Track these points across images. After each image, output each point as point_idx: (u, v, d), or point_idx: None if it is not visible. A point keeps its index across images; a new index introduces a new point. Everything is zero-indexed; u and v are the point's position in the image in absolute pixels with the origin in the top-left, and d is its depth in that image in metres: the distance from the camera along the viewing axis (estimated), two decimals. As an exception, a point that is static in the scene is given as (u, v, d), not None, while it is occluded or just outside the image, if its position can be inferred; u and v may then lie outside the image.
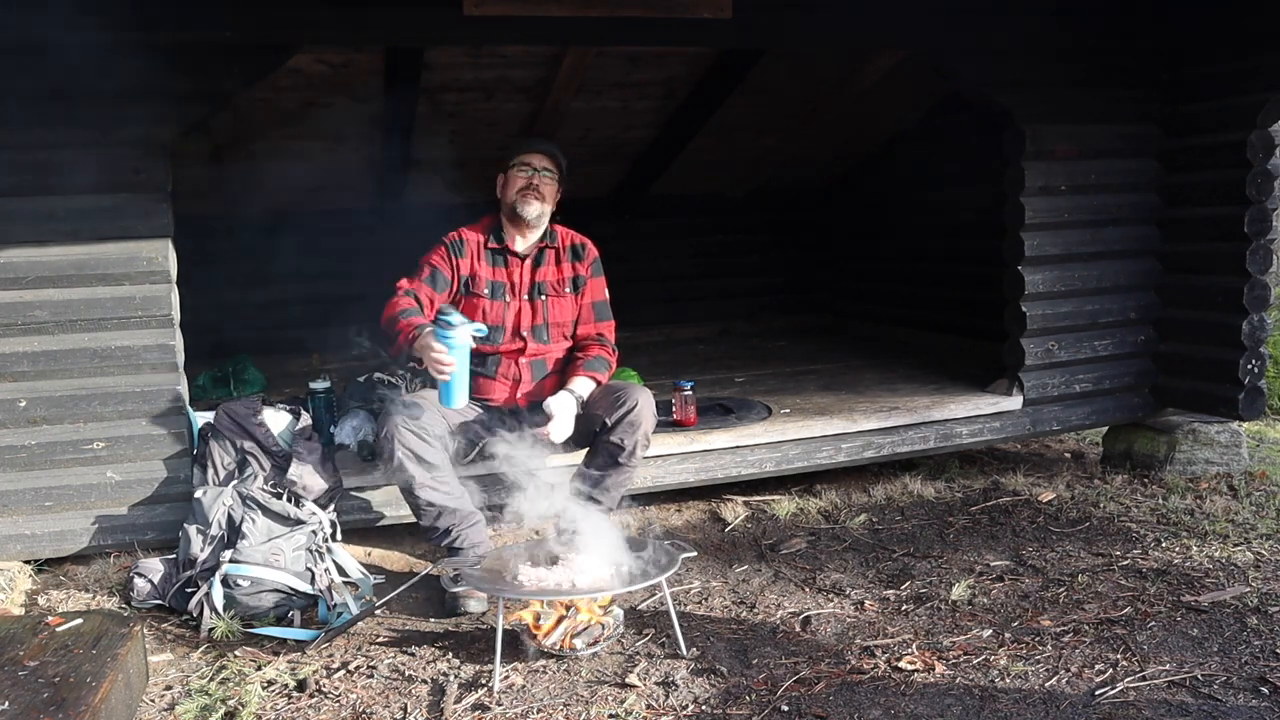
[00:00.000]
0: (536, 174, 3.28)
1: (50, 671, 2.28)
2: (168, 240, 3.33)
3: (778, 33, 3.88)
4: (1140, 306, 4.39)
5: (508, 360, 3.35)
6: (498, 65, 4.41)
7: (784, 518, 3.89)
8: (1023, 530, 3.71)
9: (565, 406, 3.18)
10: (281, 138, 4.84)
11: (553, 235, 3.41)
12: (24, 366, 3.25)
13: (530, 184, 3.27)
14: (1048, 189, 4.17)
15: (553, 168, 3.33)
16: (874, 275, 6.74)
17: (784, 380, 5.00)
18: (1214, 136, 4.10)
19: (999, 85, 4.09)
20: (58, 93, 3.18)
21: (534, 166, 3.29)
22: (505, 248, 3.35)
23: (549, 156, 3.33)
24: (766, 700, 2.50)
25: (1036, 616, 2.95)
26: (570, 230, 3.48)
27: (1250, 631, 2.81)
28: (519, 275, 3.36)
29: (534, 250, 3.38)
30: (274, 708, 2.52)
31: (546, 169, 3.31)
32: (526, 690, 2.58)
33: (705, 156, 5.94)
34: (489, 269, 3.34)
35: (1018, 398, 4.25)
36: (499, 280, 3.35)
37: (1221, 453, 4.34)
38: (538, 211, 3.29)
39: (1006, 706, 2.45)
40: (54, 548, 3.35)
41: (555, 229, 3.42)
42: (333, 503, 3.37)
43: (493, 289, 3.33)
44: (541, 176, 3.29)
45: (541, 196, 3.28)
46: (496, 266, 3.36)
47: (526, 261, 3.37)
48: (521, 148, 3.35)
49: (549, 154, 3.33)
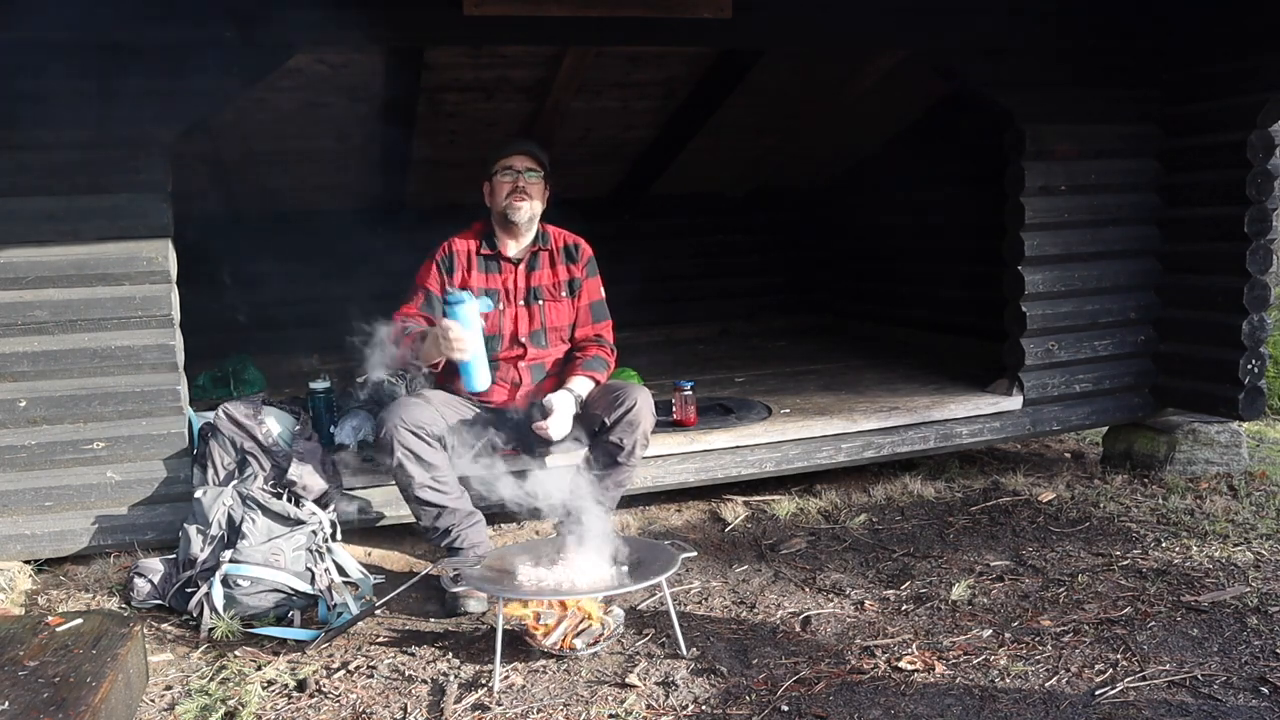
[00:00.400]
0: (520, 176, 3.26)
1: (50, 671, 2.28)
2: (168, 240, 3.33)
3: (778, 33, 3.88)
4: (1140, 306, 4.39)
5: (507, 365, 3.35)
6: (498, 65, 4.41)
7: (784, 518, 3.89)
8: (1023, 530, 3.71)
9: (564, 403, 3.18)
10: (281, 137, 4.84)
11: (545, 237, 3.39)
12: (24, 366, 3.26)
13: (516, 186, 3.25)
14: (1048, 189, 4.17)
15: (536, 166, 3.30)
16: (874, 275, 6.74)
17: (784, 380, 5.01)
18: (1214, 136, 4.10)
19: (999, 85, 4.09)
20: (58, 93, 3.18)
21: (516, 169, 3.26)
22: (498, 253, 3.34)
23: (530, 156, 3.29)
24: (766, 700, 2.50)
25: (1036, 616, 2.95)
26: (562, 230, 3.46)
27: (1250, 631, 2.81)
28: (513, 281, 3.35)
29: (527, 254, 3.36)
30: (274, 708, 2.52)
31: (530, 169, 3.28)
32: (526, 690, 2.58)
33: (705, 156, 5.93)
34: (482, 276, 3.32)
35: (1018, 398, 4.25)
36: (493, 288, 3.33)
37: (1221, 453, 4.34)
38: (528, 214, 3.28)
39: (1006, 706, 2.45)
40: (54, 548, 3.35)
41: (547, 230, 3.41)
42: (333, 503, 3.37)
43: (486, 297, 3.32)
44: (526, 178, 3.26)
45: (529, 197, 3.26)
46: (490, 273, 3.34)
47: (520, 266, 3.36)
48: (501, 152, 3.30)
49: (529, 153, 3.30)
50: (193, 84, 3.28)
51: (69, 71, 3.17)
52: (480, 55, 4.28)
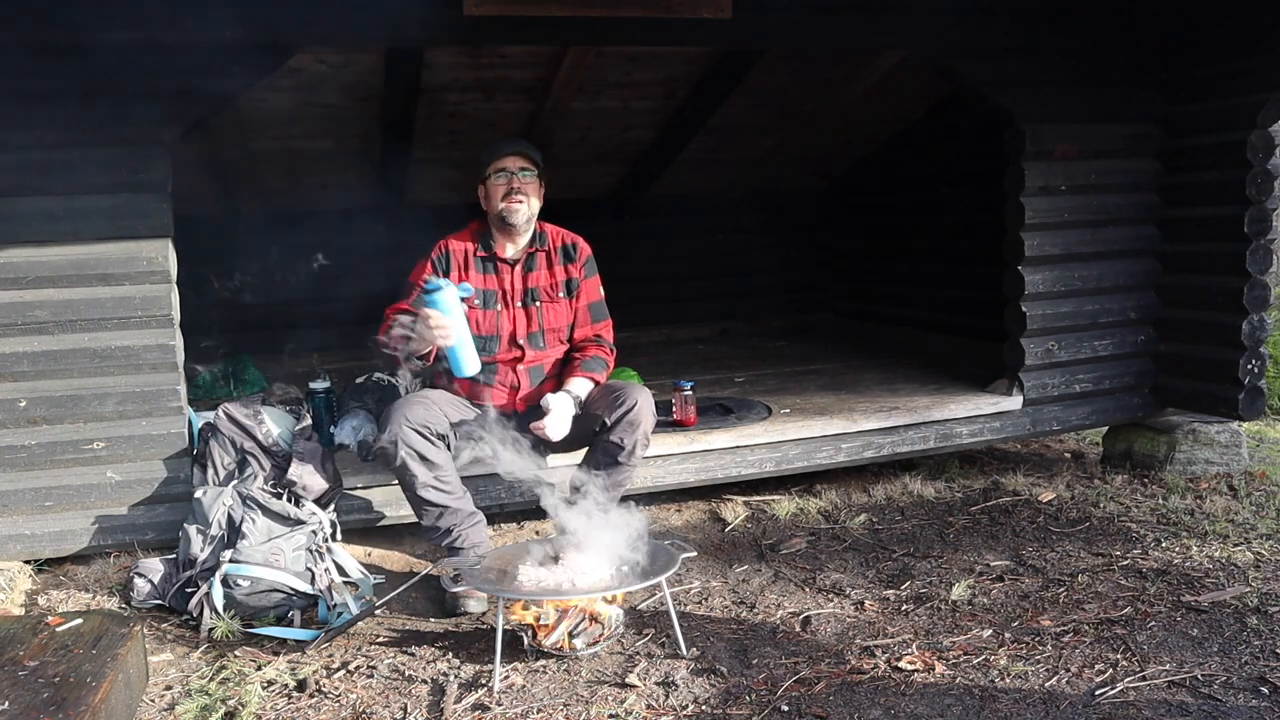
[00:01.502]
0: (515, 176, 3.24)
1: (50, 671, 2.28)
2: (168, 240, 3.32)
3: (778, 33, 3.88)
4: (1140, 306, 4.39)
5: (505, 368, 3.33)
6: (498, 65, 4.41)
7: (784, 518, 3.89)
8: (1023, 530, 3.71)
9: (563, 404, 3.18)
10: (281, 138, 4.83)
11: (542, 237, 3.38)
12: (24, 366, 3.25)
13: (512, 188, 3.23)
14: (1048, 189, 4.17)
15: (530, 165, 3.28)
16: (874, 275, 6.74)
17: (784, 380, 5.01)
18: (1214, 136, 4.10)
19: (999, 85, 4.09)
20: (58, 93, 3.18)
21: (510, 170, 3.25)
22: (494, 255, 3.33)
23: (523, 155, 3.28)
24: (766, 700, 2.50)
25: (1036, 616, 2.95)
26: (560, 229, 3.44)
27: (1250, 631, 2.81)
28: (510, 282, 3.34)
29: (524, 255, 3.35)
30: (274, 708, 2.52)
31: (524, 169, 3.27)
32: (526, 690, 2.58)
33: (705, 156, 5.93)
34: (479, 277, 3.31)
35: (1018, 398, 4.25)
36: (490, 289, 3.32)
37: (1221, 453, 4.34)
38: (526, 215, 3.27)
39: (1006, 706, 2.45)
40: (54, 548, 3.35)
41: (545, 230, 3.39)
42: (333, 503, 3.37)
43: (484, 298, 3.30)
44: (521, 178, 3.25)
45: (526, 197, 3.25)
46: (487, 274, 3.33)
47: (517, 267, 3.34)
48: (494, 155, 3.29)
49: (522, 153, 3.28)
50: (193, 84, 3.29)
51: (69, 71, 3.17)
52: (480, 55, 4.28)
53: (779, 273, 7.14)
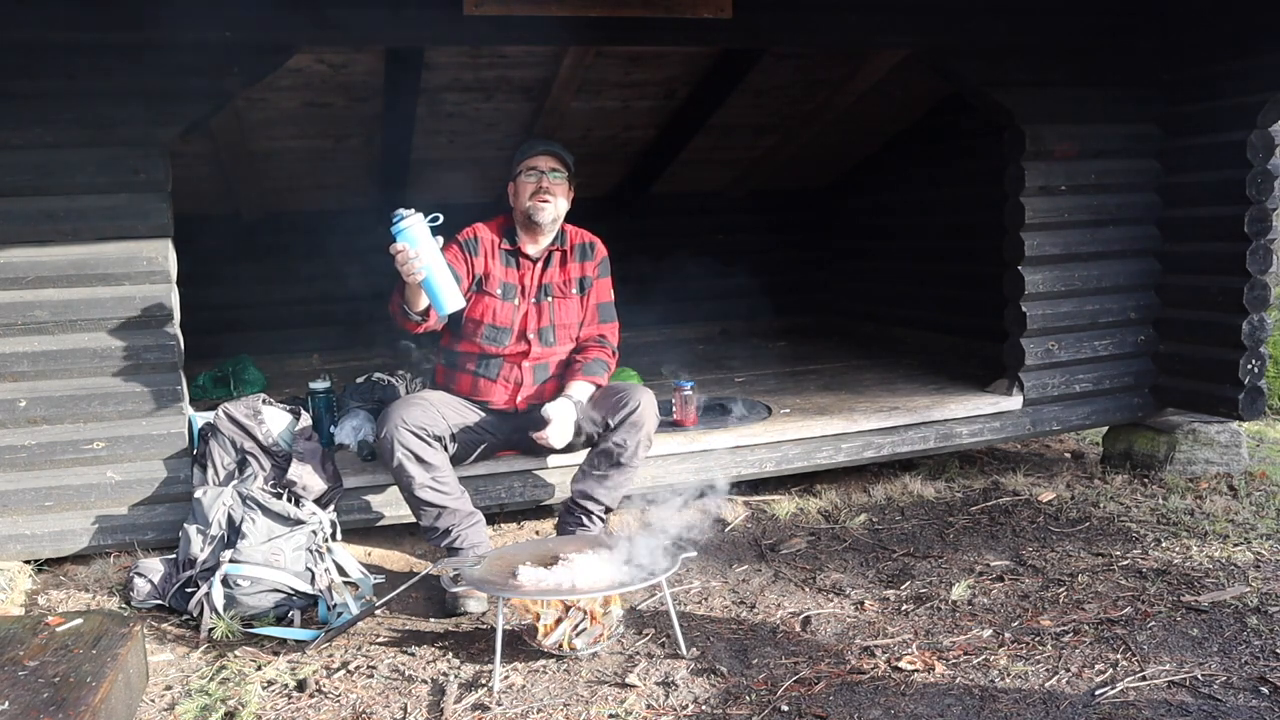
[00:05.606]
0: (545, 176, 3.26)
1: (50, 671, 2.28)
2: (168, 240, 3.32)
3: (778, 33, 3.88)
4: (1140, 306, 4.39)
5: (510, 364, 3.33)
6: (498, 65, 4.41)
7: (784, 518, 3.89)
8: (1023, 530, 3.71)
9: (564, 412, 3.17)
10: (281, 138, 4.83)
11: (562, 236, 3.39)
12: (24, 366, 3.25)
13: (540, 187, 3.25)
14: (1048, 189, 4.17)
15: (560, 167, 3.30)
16: (874, 275, 6.73)
17: (784, 380, 5.00)
18: (1214, 136, 4.10)
19: (999, 85, 4.09)
20: (58, 93, 3.18)
21: (541, 169, 3.27)
22: (518, 249, 3.34)
23: (554, 156, 3.31)
24: (766, 700, 2.50)
25: (1036, 616, 2.95)
26: (580, 229, 3.46)
27: (1250, 631, 2.81)
28: (530, 278, 3.35)
29: (544, 253, 3.37)
30: (274, 708, 2.52)
31: (555, 170, 3.29)
32: (526, 690, 2.58)
33: (705, 156, 5.93)
34: (503, 269, 3.32)
35: (1018, 398, 4.25)
36: (511, 282, 3.33)
37: (1221, 453, 4.34)
38: (552, 214, 3.28)
39: (1006, 706, 2.45)
40: (54, 548, 3.35)
41: (565, 229, 3.41)
42: (333, 503, 3.37)
43: (505, 290, 3.31)
44: (550, 179, 3.26)
45: (554, 197, 3.26)
46: (509, 267, 3.34)
47: (537, 264, 3.36)
48: (526, 153, 3.32)
49: (554, 154, 3.31)
50: (193, 84, 3.28)
51: (69, 71, 3.17)
52: (480, 55, 4.28)
53: (779, 273, 7.13)
